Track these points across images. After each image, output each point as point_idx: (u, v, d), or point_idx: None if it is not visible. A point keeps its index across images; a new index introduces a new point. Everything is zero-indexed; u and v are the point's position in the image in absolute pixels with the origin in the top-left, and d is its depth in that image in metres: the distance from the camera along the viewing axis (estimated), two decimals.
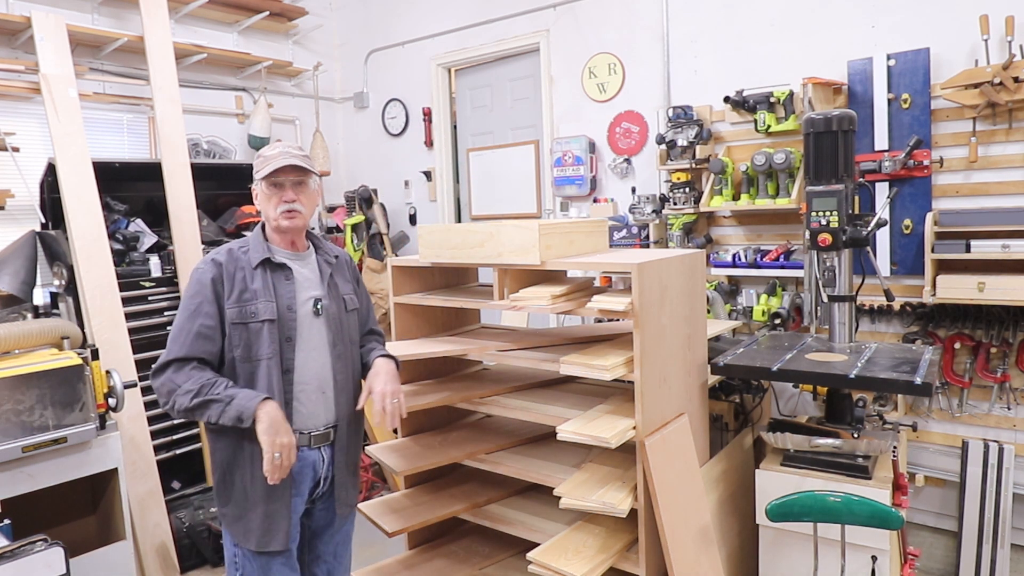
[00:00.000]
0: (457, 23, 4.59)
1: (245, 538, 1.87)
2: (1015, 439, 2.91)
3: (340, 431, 1.98)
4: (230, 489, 1.88)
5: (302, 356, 1.89)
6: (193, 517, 3.28)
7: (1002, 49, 2.78)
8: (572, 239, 2.36)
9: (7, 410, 2.35)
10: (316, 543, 2.05)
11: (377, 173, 5.21)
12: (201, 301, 1.83)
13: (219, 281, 1.84)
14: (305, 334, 1.90)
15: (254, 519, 1.86)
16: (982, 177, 2.91)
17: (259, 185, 1.91)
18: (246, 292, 1.84)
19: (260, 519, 1.85)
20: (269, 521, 1.86)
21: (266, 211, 1.92)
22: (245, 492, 1.86)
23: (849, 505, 1.95)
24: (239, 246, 1.93)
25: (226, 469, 1.88)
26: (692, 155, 3.47)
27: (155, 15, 3.74)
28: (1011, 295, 2.65)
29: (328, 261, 2.02)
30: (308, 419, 1.91)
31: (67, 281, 3.20)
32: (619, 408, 2.21)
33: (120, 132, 4.19)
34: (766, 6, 3.41)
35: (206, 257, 1.90)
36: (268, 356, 1.83)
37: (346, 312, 2.01)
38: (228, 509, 1.90)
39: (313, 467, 1.93)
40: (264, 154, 1.92)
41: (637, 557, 2.10)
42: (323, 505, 2.02)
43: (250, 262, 1.88)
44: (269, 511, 1.86)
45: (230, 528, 1.90)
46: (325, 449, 1.95)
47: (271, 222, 1.92)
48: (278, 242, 1.94)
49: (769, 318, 3.28)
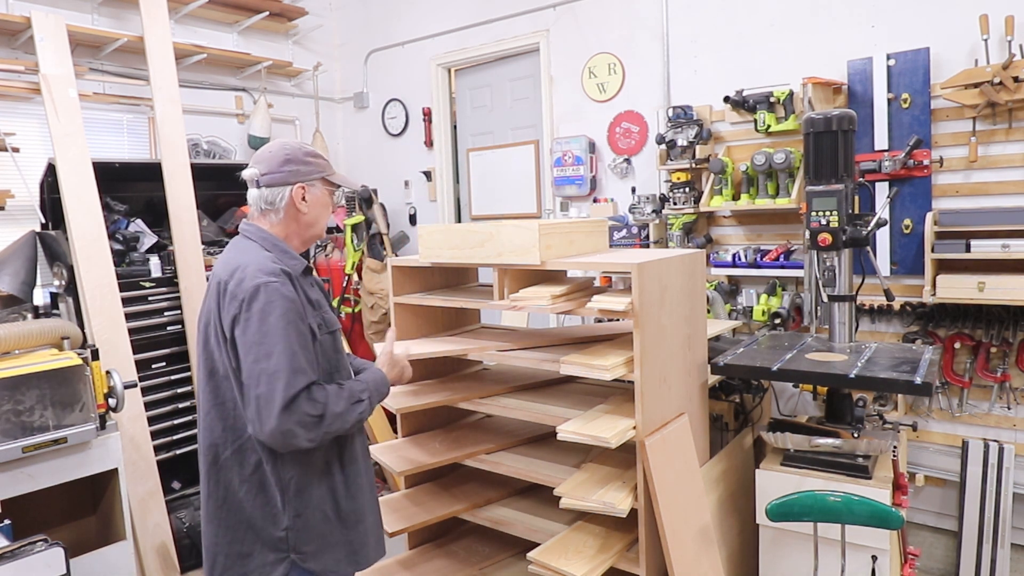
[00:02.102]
0: (457, 23, 4.59)
1: (352, 561, 1.71)
2: (1015, 439, 2.91)
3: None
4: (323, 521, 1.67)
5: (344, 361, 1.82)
6: (193, 517, 3.28)
7: (1002, 49, 2.78)
8: (572, 239, 2.36)
9: (7, 410, 2.35)
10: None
11: (377, 173, 5.21)
12: (296, 317, 1.59)
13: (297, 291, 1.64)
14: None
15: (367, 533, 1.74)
16: (982, 177, 2.91)
17: (322, 187, 1.74)
18: (309, 303, 1.67)
19: (372, 530, 1.76)
20: (379, 529, 1.80)
21: (319, 217, 1.75)
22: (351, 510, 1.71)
23: (849, 505, 1.95)
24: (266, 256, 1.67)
25: (304, 502, 1.65)
26: (692, 155, 3.47)
27: (155, 15, 3.74)
28: (1011, 295, 2.65)
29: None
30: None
31: (67, 281, 3.20)
32: (619, 408, 2.21)
33: (120, 132, 4.19)
34: (766, 6, 3.41)
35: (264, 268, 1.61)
36: (344, 366, 1.77)
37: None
38: (322, 542, 1.67)
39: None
40: (321, 155, 1.76)
41: (637, 557, 2.11)
42: None
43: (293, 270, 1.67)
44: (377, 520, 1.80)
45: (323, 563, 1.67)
46: None
47: (316, 229, 1.76)
48: (297, 250, 1.76)
49: (769, 318, 3.28)
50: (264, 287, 1.57)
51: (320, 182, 1.74)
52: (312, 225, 1.75)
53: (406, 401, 2.42)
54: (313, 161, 1.73)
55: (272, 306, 1.56)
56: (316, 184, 1.73)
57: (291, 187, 1.69)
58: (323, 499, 1.68)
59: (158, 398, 3.39)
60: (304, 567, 1.65)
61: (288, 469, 1.64)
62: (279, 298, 1.57)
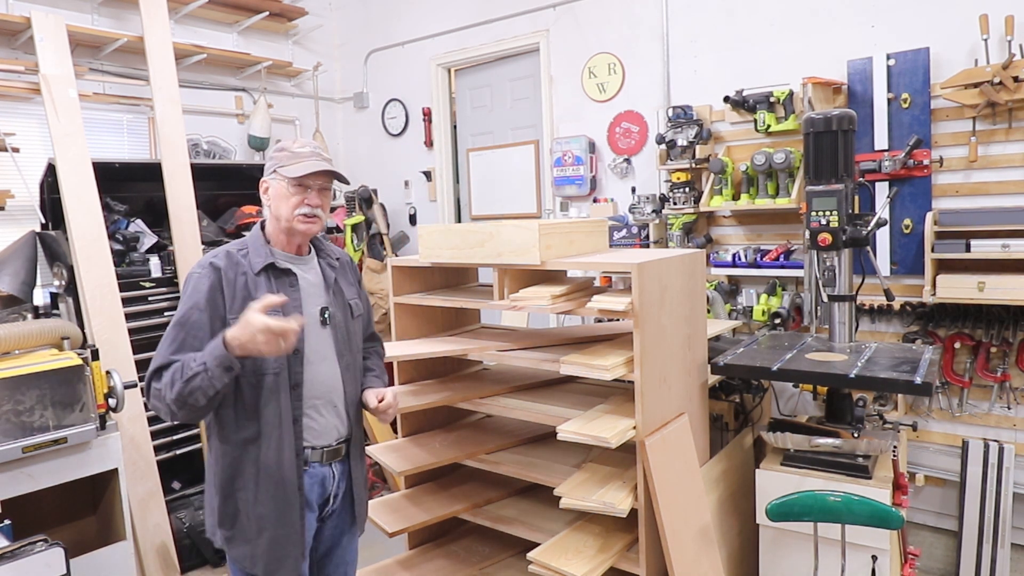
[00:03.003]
0: (457, 23, 4.59)
1: (251, 563, 1.73)
2: (1015, 439, 2.91)
3: (353, 444, 1.89)
4: (232, 512, 1.74)
5: (311, 369, 1.77)
6: (193, 517, 3.28)
7: (1002, 49, 2.78)
8: (572, 239, 2.36)
9: (7, 410, 2.35)
10: (325, 564, 1.92)
11: (377, 173, 5.21)
12: (191, 307, 1.68)
13: (218, 289, 1.69)
14: (313, 345, 1.77)
15: (260, 544, 1.72)
16: (982, 177, 2.91)
17: (278, 180, 1.75)
18: (249, 300, 1.65)
19: (267, 545, 1.72)
20: (278, 548, 1.72)
21: (279, 209, 1.75)
22: (249, 515, 1.72)
23: (849, 505, 1.95)
24: (238, 248, 1.77)
25: (227, 490, 1.74)
26: (692, 155, 3.47)
27: (155, 15, 3.74)
28: (1011, 295, 2.65)
29: (331, 265, 1.90)
30: (320, 435, 1.80)
31: (67, 281, 3.20)
32: (619, 408, 2.21)
33: (120, 132, 4.19)
34: (766, 6, 3.41)
35: (203, 260, 1.73)
36: (275, 371, 1.70)
37: (352, 319, 1.90)
38: (232, 532, 1.75)
39: (323, 483, 1.82)
40: (290, 148, 1.77)
41: (637, 557, 2.11)
42: (333, 524, 1.89)
43: (252, 267, 1.73)
44: (277, 536, 1.72)
45: (233, 552, 1.76)
46: (336, 464, 1.84)
47: (282, 222, 1.76)
48: (282, 244, 1.80)
49: (769, 318, 3.28)
50: (189, 276, 1.75)
51: (274, 174, 1.77)
52: (279, 217, 1.78)
53: (406, 401, 2.42)
54: (275, 156, 1.79)
55: (184, 290, 1.74)
56: (272, 177, 1.78)
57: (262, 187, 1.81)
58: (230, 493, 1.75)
59: None
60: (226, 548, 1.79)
61: (213, 449, 1.79)
62: (189, 287, 1.73)
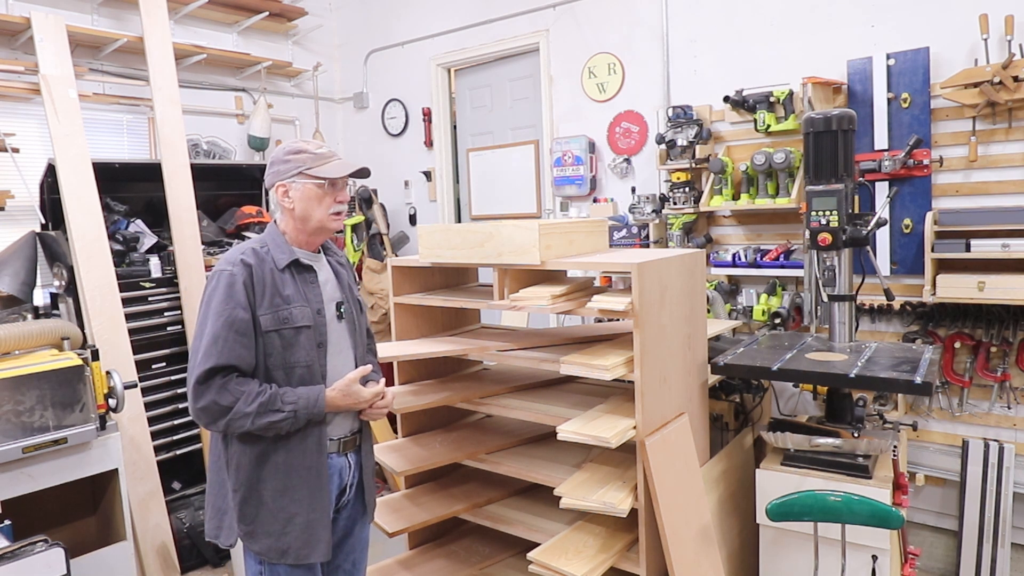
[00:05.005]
0: (457, 23, 4.59)
1: (280, 554, 1.75)
2: (1015, 438, 2.91)
3: (364, 435, 1.95)
4: (257, 507, 1.76)
5: (332, 362, 1.84)
6: (193, 517, 3.28)
7: (1002, 48, 2.77)
8: (572, 239, 2.36)
9: (7, 411, 2.35)
10: (337, 552, 1.95)
11: (377, 173, 5.19)
12: (235, 306, 1.69)
13: (250, 286, 1.72)
14: (333, 339, 1.85)
15: (292, 532, 1.75)
16: (982, 176, 2.91)
17: (305, 182, 1.78)
18: (278, 297, 1.73)
19: (300, 531, 1.75)
20: (310, 532, 1.76)
21: (309, 211, 1.79)
22: (276, 506, 1.75)
23: (849, 504, 1.95)
24: (260, 246, 1.80)
25: (251, 486, 1.75)
26: (692, 155, 3.47)
27: (155, 15, 3.74)
28: (1011, 294, 2.65)
29: (340, 262, 1.98)
30: (337, 426, 1.86)
31: (67, 282, 3.20)
32: (619, 408, 2.21)
33: (120, 133, 4.19)
34: (766, 6, 3.41)
35: (231, 257, 1.75)
36: (306, 363, 1.76)
37: (360, 313, 1.98)
38: (255, 527, 1.76)
39: (340, 474, 1.87)
40: (309, 150, 1.81)
41: (637, 557, 2.11)
42: (346, 514, 1.94)
43: (277, 263, 1.77)
44: (310, 521, 1.76)
45: (257, 546, 1.76)
46: (351, 455, 1.90)
47: (311, 223, 1.81)
48: (302, 244, 1.85)
49: (769, 318, 3.28)
50: (219, 274, 1.72)
51: (300, 177, 1.79)
52: (306, 219, 1.81)
53: (406, 401, 2.42)
54: (293, 159, 1.80)
55: (217, 291, 1.70)
56: (296, 180, 1.79)
57: (274, 188, 1.82)
58: (254, 487, 1.76)
59: (158, 398, 3.40)
60: (247, 543, 1.78)
61: (232, 445, 1.76)
62: (224, 284, 1.70)
